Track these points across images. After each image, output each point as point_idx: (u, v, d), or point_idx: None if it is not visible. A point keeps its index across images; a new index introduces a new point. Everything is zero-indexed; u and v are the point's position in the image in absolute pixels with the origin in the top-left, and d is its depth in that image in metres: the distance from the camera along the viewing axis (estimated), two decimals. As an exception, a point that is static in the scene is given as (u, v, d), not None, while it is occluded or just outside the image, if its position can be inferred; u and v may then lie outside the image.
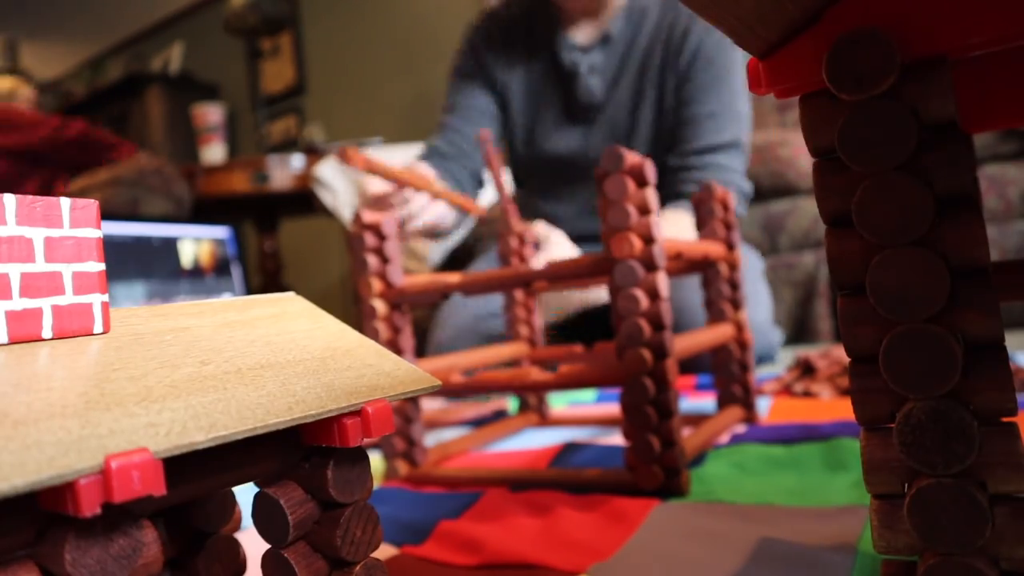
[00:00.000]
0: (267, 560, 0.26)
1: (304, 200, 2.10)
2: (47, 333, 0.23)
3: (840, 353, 0.93)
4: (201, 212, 2.11)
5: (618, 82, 1.26)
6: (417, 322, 1.55)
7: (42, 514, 0.19)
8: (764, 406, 0.83)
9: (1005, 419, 0.23)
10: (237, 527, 0.29)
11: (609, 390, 1.03)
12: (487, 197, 1.66)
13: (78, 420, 0.19)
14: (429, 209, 1.07)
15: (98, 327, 0.24)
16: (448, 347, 1.16)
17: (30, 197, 0.22)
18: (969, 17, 0.22)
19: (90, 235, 0.24)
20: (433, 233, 1.16)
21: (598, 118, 1.27)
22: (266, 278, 2.35)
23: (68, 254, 0.23)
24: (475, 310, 1.18)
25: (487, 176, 1.29)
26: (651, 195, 0.52)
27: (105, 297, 0.24)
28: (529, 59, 1.32)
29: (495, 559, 0.42)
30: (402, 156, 1.80)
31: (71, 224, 0.23)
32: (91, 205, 0.24)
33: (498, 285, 0.60)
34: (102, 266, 0.24)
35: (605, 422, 0.81)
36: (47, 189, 2.00)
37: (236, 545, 0.28)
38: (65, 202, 0.23)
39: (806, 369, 0.94)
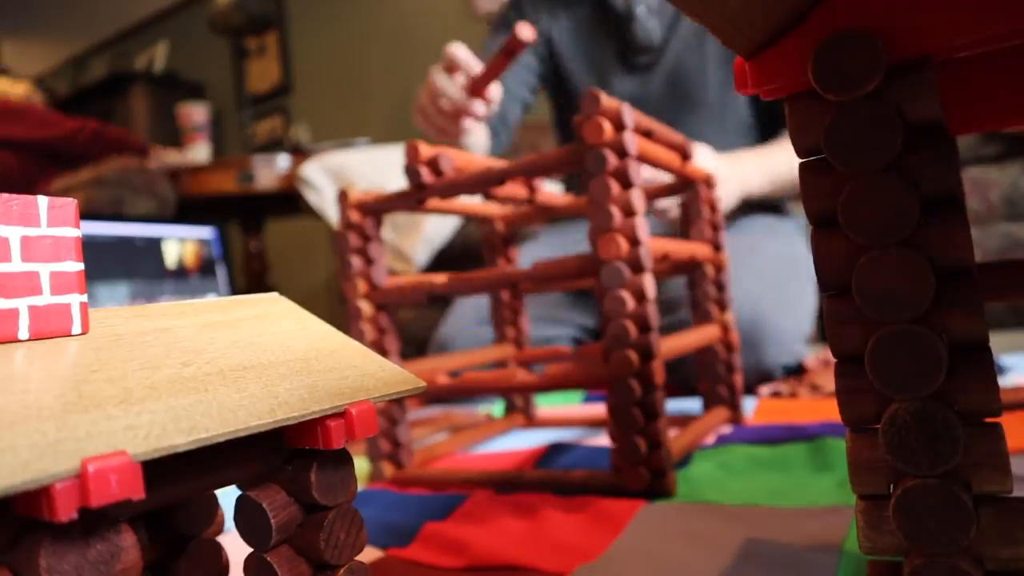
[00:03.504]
0: (250, 564, 0.25)
1: (290, 200, 2.08)
2: (23, 334, 0.22)
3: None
4: (186, 212, 2.09)
5: (679, 20, 1.17)
6: (406, 324, 1.54)
7: (17, 519, 0.19)
8: (749, 407, 0.83)
9: (989, 419, 0.23)
10: (219, 530, 0.29)
11: (596, 391, 1.03)
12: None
13: (55, 423, 0.19)
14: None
15: (76, 328, 0.24)
16: (449, 343, 1.14)
17: (5, 195, 0.22)
18: (954, 18, 0.22)
19: (68, 234, 0.24)
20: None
21: (659, 62, 1.19)
22: (251, 279, 2.33)
23: (45, 253, 0.23)
24: (474, 313, 1.16)
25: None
26: (636, 196, 0.52)
27: (84, 297, 0.24)
28: (574, 3, 1.24)
29: (481, 561, 0.42)
30: (388, 157, 1.80)
31: (49, 223, 0.23)
32: (69, 204, 0.24)
33: (484, 286, 0.60)
34: (80, 266, 0.24)
35: (591, 423, 0.81)
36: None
37: (218, 548, 0.28)
38: (43, 200, 0.23)
39: (800, 371, 0.95)
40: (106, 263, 1.47)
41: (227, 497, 0.55)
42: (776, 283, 0.98)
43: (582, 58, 1.25)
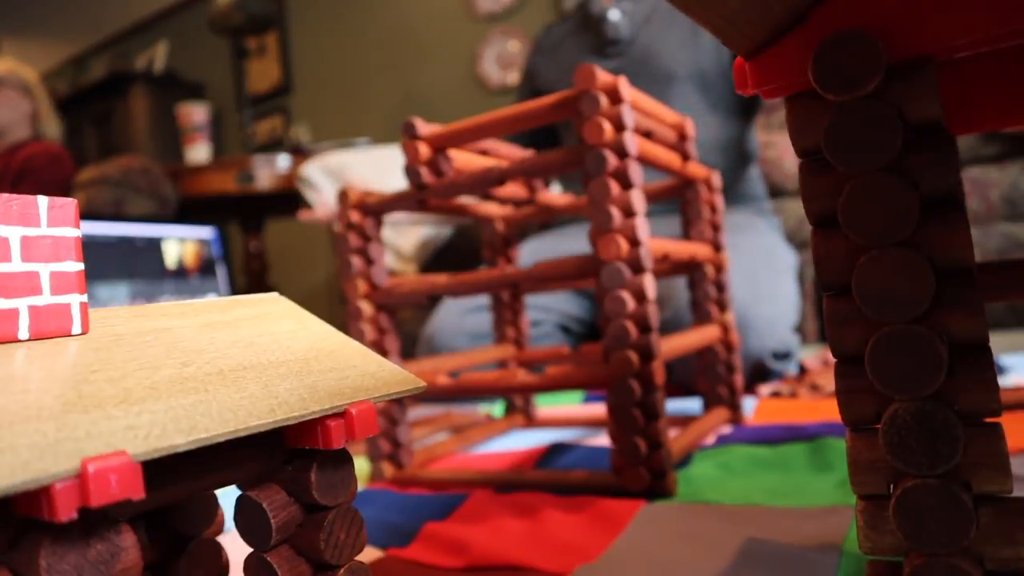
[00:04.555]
0: (250, 563, 0.25)
1: (290, 200, 2.08)
2: (24, 334, 0.22)
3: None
4: (185, 212, 2.09)
5: (650, 19, 1.28)
6: (402, 322, 1.54)
7: (17, 520, 0.19)
8: (749, 407, 0.83)
9: (989, 419, 0.23)
10: (220, 530, 0.29)
11: (596, 391, 1.03)
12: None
13: (55, 423, 0.19)
14: None
15: (76, 328, 0.24)
16: (434, 343, 1.15)
17: (5, 195, 0.22)
18: (954, 18, 0.22)
19: (68, 234, 0.24)
20: None
21: (628, 52, 1.29)
22: (251, 279, 2.33)
23: (45, 253, 0.23)
24: (460, 305, 1.18)
25: None
26: (636, 196, 0.52)
27: (84, 297, 0.24)
28: (568, 43, 1.38)
29: (481, 561, 0.42)
30: (388, 157, 1.80)
31: (49, 223, 0.23)
32: (69, 204, 0.24)
33: (485, 286, 0.60)
34: (80, 266, 0.24)
35: (591, 423, 0.81)
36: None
37: (218, 548, 0.28)
38: (43, 201, 0.23)
39: (800, 371, 0.95)
40: (106, 263, 1.47)
41: (227, 497, 0.55)
42: (750, 274, 0.99)
43: (562, 52, 1.38)
